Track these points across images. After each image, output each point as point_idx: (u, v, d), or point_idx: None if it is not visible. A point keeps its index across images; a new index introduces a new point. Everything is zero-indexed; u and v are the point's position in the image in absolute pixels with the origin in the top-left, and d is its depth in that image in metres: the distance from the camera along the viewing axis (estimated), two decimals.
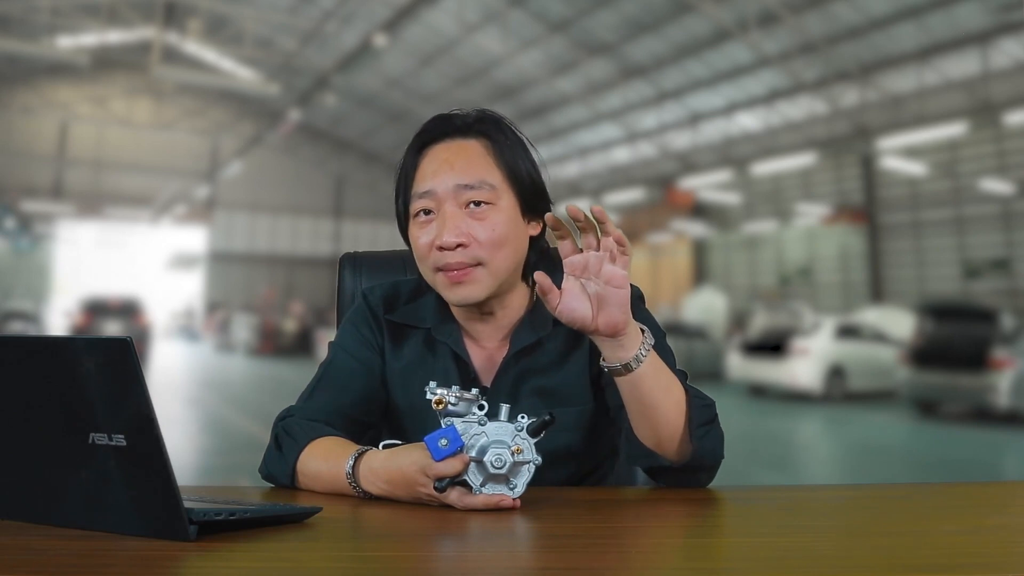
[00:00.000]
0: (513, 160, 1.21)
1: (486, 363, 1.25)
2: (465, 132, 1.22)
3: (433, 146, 1.22)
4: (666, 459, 1.11)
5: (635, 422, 1.11)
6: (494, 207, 1.18)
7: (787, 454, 8.95)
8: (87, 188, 31.29)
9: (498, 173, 1.20)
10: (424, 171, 1.20)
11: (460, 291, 1.18)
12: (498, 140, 1.22)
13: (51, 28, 20.15)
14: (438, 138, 1.22)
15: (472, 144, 1.21)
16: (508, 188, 1.20)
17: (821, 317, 15.57)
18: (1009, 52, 16.86)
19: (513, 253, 1.20)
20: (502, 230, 1.18)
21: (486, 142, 1.21)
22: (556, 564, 0.79)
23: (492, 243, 1.17)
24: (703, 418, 1.11)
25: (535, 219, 1.24)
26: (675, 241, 28.75)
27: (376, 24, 17.08)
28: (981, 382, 10.22)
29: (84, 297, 18.97)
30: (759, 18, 16.89)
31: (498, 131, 1.22)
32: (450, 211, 1.17)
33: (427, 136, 1.23)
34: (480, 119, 1.23)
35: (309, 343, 23.46)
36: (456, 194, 1.17)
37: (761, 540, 0.88)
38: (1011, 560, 0.80)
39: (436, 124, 1.23)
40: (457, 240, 1.15)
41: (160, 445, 0.78)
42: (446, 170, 1.18)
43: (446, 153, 1.20)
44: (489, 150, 1.21)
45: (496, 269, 1.18)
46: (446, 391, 0.99)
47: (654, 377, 1.08)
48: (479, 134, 1.22)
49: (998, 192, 18.88)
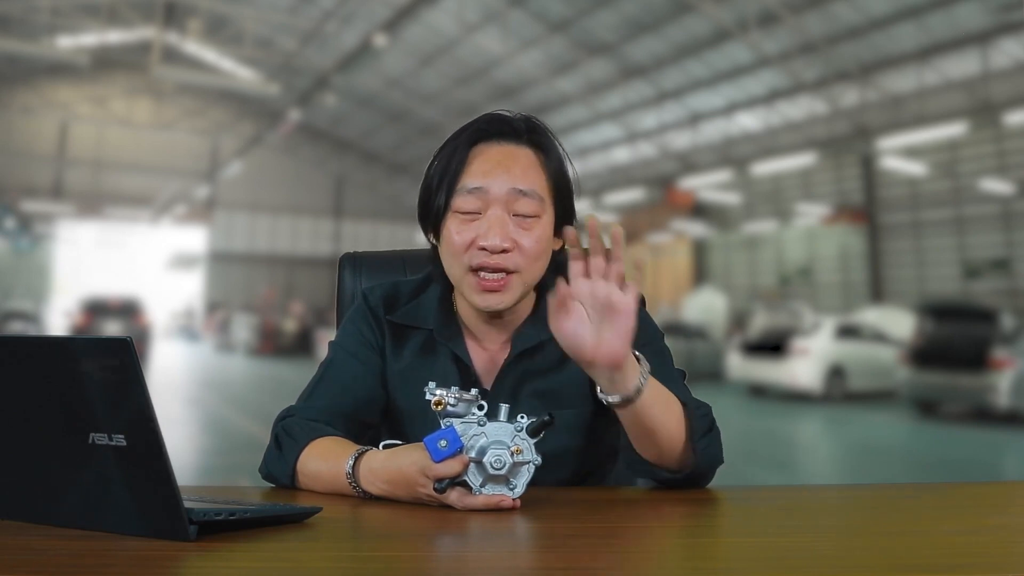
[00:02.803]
0: (559, 173, 1.21)
1: (487, 364, 1.25)
2: (519, 137, 1.21)
3: (486, 145, 1.20)
4: (666, 471, 1.11)
5: (635, 442, 1.10)
6: (539, 220, 1.18)
7: (787, 454, 8.95)
8: (87, 188, 31.29)
9: (546, 186, 1.20)
10: (476, 168, 1.18)
11: (492, 299, 1.17)
12: (548, 151, 1.21)
13: (51, 28, 20.14)
14: (492, 137, 1.21)
15: (525, 152, 1.20)
16: (551, 202, 1.20)
17: (821, 317, 15.57)
18: (1009, 52, 16.86)
19: (543, 266, 1.21)
20: (543, 244, 1.19)
21: (539, 152, 1.21)
22: (556, 564, 0.79)
23: (533, 255, 1.17)
24: (703, 428, 1.11)
25: (560, 234, 1.24)
26: (675, 241, 28.74)
27: (376, 24, 17.07)
28: (981, 382, 10.22)
29: (84, 297, 18.97)
30: (759, 18, 16.88)
31: (548, 142, 1.22)
32: (499, 214, 1.16)
33: (481, 134, 1.21)
34: (531, 127, 1.22)
35: (309, 343, 23.46)
36: (508, 199, 1.17)
37: (761, 540, 0.88)
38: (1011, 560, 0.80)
39: (491, 123, 1.22)
40: (504, 244, 1.15)
41: (160, 445, 0.78)
42: (501, 172, 1.17)
43: (500, 155, 1.19)
44: (540, 160, 1.20)
45: (528, 280, 1.19)
46: (445, 392, 0.99)
47: (653, 404, 1.06)
48: (532, 143, 1.21)
49: (998, 192, 18.88)
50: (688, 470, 1.10)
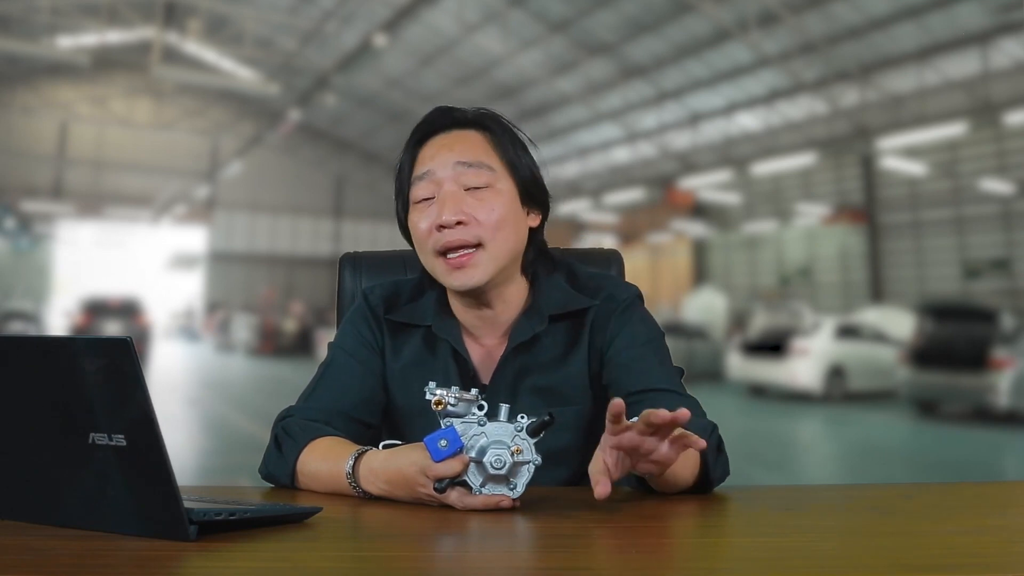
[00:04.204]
0: (512, 151, 1.22)
1: (485, 360, 1.25)
2: (464, 124, 1.23)
3: (432, 137, 1.23)
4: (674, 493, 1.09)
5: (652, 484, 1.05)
6: (493, 189, 1.18)
7: (787, 454, 8.94)
8: (87, 188, 31.29)
9: (497, 160, 1.20)
10: (423, 156, 1.21)
11: (461, 276, 1.17)
12: (496, 132, 1.22)
13: (51, 28, 20.14)
14: (437, 130, 1.23)
15: (471, 133, 1.22)
16: (507, 175, 1.21)
17: (821, 317, 15.57)
18: (1009, 52, 16.86)
19: (513, 236, 1.20)
20: (501, 211, 1.18)
21: (485, 133, 1.22)
22: (556, 564, 0.79)
23: (492, 224, 1.17)
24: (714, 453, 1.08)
25: (535, 210, 1.25)
26: (675, 241, 28.75)
27: (376, 24, 17.07)
28: (981, 382, 10.22)
29: (84, 297, 18.97)
30: (759, 18, 16.88)
31: (497, 125, 1.23)
32: (450, 190, 1.17)
33: (426, 128, 1.23)
34: (479, 114, 1.24)
35: (309, 343, 23.46)
36: (456, 175, 1.18)
37: (761, 540, 0.88)
38: (1011, 560, 0.80)
39: (435, 117, 1.24)
40: (456, 217, 1.15)
41: (160, 445, 0.78)
42: (445, 152, 1.19)
43: (445, 140, 1.21)
44: (488, 140, 1.22)
45: (496, 252, 1.18)
46: (445, 392, 0.99)
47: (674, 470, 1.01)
48: (478, 126, 1.23)
49: (998, 192, 18.88)
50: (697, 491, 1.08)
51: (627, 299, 1.26)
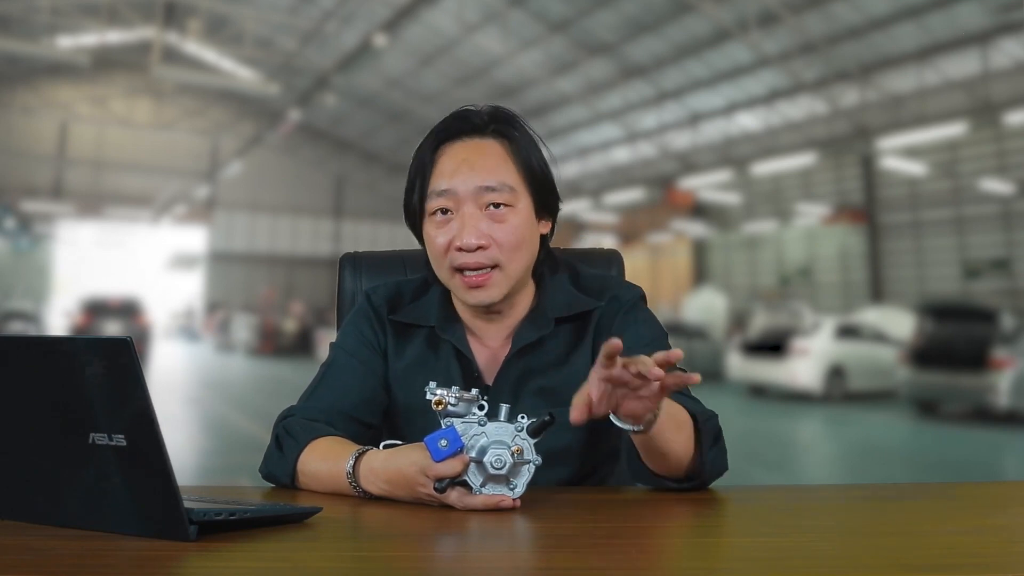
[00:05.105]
0: (529, 159, 1.22)
1: (489, 361, 1.25)
2: (482, 131, 1.22)
3: (450, 144, 1.22)
4: (672, 480, 1.10)
5: (644, 457, 1.07)
6: (513, 209, 1.19)
7: (787, 454, 8.94)
8: (87, 188, 31.29)
9: (516, 174, 1.20)
10: (442, 169, 1.20)
11: (478, 294, 1.19)
12: (514, 139, 1.22)
13: (51, 28, 20.14)
14: (455, 136, 1.22)
15: (490, 144, 1.21)
16: (525, 189, 1.21)
17: (821, 317, 15.57)
18: (1009, 52, 16.86)
19: (528, 255, 1.22)
20: (521, 233, 1.19)
21: (504, 142, 1.22)
22: (556, 564, 0.79)
23: (511, 246, 1.18)
24: (710, 439, 1.09)
25: (546, 217, 1.25)
26: (675, 241, 28.75)
27: (376, 24, 17.07)
28: (981, 382, 10.22)
29: (84, 297, 18.97)
30: (759, 18, 16.88)
31: (513, 129, 1.23)
32: (470, 212, 1.18)
33: (444, 134, 1.23)
34: (495, 117, 1.23)
35: (309, 343, 23.46)
36: (476, 196, 1.18)
37: (761, 540, 0.88)
38: (1011, 560, 0.80)
39: (453, 122, 1.23)
40: (478, 242, 1.16)
41: (160, 445, 0.78)
42: (466, 170, 1.18)
43: (465, 152, 1.20)
44: (507, 150, 1.21)
45: (512, 272, 1.20)
46: (446, 391, 0.99)
47: (665, 429, 1.02)
48: (496, 133, 1.22)
49: (998, 192, 18.88)
50: (694, 480, 1.09)
51: (631, 300, 1.27)
